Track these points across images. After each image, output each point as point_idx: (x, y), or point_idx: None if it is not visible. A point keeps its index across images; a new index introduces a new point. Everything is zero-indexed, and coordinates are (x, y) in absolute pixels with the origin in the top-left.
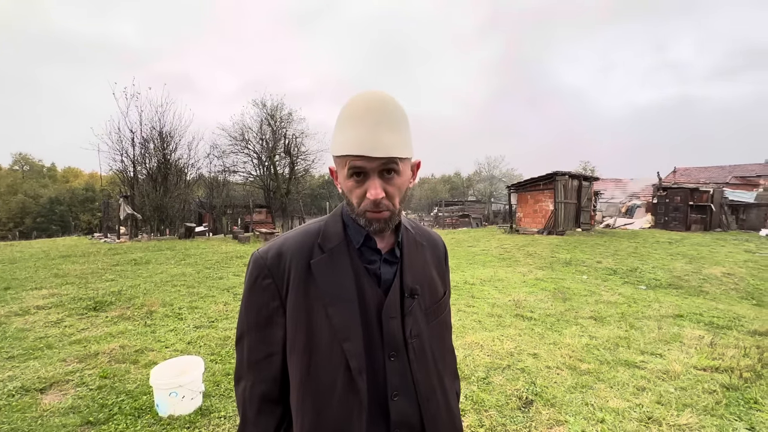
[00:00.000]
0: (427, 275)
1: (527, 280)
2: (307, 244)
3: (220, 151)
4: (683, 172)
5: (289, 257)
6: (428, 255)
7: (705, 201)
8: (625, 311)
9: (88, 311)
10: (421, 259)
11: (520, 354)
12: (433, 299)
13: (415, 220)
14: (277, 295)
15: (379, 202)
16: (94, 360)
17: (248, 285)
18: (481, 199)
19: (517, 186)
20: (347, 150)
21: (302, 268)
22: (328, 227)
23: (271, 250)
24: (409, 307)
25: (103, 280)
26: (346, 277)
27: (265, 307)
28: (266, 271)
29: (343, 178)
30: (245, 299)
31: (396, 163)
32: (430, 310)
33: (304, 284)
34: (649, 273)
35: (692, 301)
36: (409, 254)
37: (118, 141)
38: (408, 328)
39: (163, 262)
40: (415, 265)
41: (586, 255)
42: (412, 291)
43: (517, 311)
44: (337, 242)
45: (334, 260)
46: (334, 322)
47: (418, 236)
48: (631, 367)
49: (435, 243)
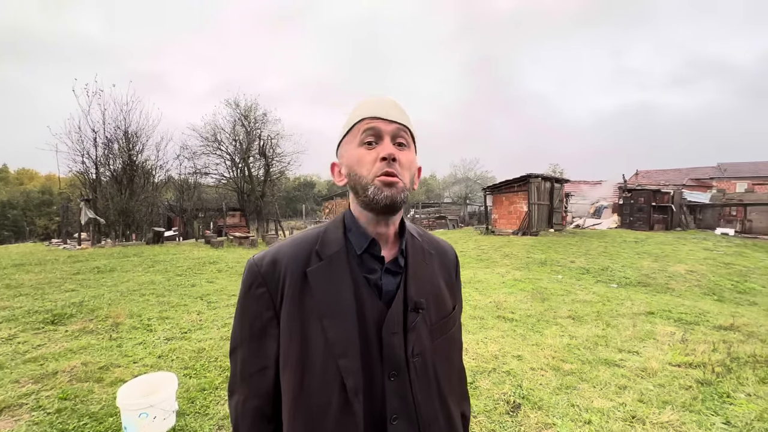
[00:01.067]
0: (434, 288)
1: (506, 280)
2: (305, 250)
3: (191, 152)
4: (644, 175)
5: (284, 265)
6: (436, 265)
7: (666, 202)
8: (601, 310)
9: (45, 325)
10: (427, 270)
11: (504, 356)
12: (440, 314)
13: (419, 227)
14: (270, 304)
15: (392, 163)
16: (52, 380)
17: (242, 293)
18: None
19: (492, 188)
20: (361, 115)
21: (298, 277)
22: (328, 233)
23: (267, 257)
24: (413, 322)
25: (62, 291)
26: (344, 288)
27: (258, 317)
28: (260, 279)
29: (352, 150)
30: (239, 308)
31: (407, 134)
32: (435, 327)
33: (300, 294)
34: (620, 272)
35: (661, 298)
36: (414, 264)
37: (79, 141)
38: (410, 345)
39: (130, 270)
40: (421, 276)
41: (559, 255)
42: (416, 305)
43: (499, 312)
44: (336, 249)
45: (332, 269)
46: (329, 336)
47: (425, 244)
48: (611, 366)
49: (444, 252)
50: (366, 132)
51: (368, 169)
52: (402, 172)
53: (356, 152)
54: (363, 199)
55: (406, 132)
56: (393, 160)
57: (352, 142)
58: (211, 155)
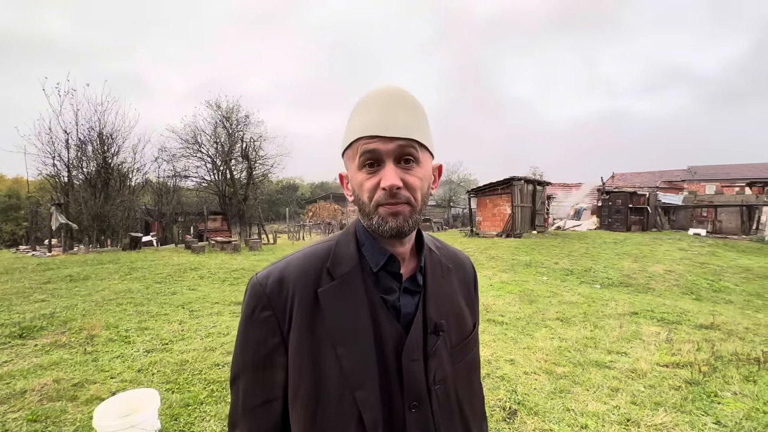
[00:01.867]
0: (454, 307)
1: (493, 283)
2: (314, 268)
3: (170, 154)
4: (620, 177)
5: (292, 285)
6: (455, 281)
7: (642, 204)
8: (587, 311)
9: (12, 339)
10: (447, 287)
11: (497, 361)
12: (461, 335)
13: (437, 238)
14: (277, 330)
15: (396, 192)
16: (20, 400)
17: (244, 317)
18: (441, 203)
19: (476, 191)
20: (358, 133)
21: (308, 299)
22: (340, 248)
23: (272, 276)
24: (433, 346)
25: (30, 302)
26: (361, 310)
27: (263, 344)
28: (265, 300)
29: (353, 172)
30: (241, 333)
31: (415, 148)
32: (456, 349)
33: (310, 318)
34: (602, 272)
35: (643, 298)
36: (433, 281)
37: (50, 142)
38: (431, 372)
39: (105, 278)
40: (441, 294)
41: (543, 256)
42: (436, 327)
43: (489, 316)
44: (350, 267)
45: (346, 289)
46: (344, 366)
47: (443, 258)
48: (602, 368)
49: (462, 265)
50: (364, 155)
51: (369, 196)
52: (411, 193)
53: (357, 176)
54: (368, 225)
55: (413, 145)
56: (397, 189)
57: (353, 160)
58: (191, 158)
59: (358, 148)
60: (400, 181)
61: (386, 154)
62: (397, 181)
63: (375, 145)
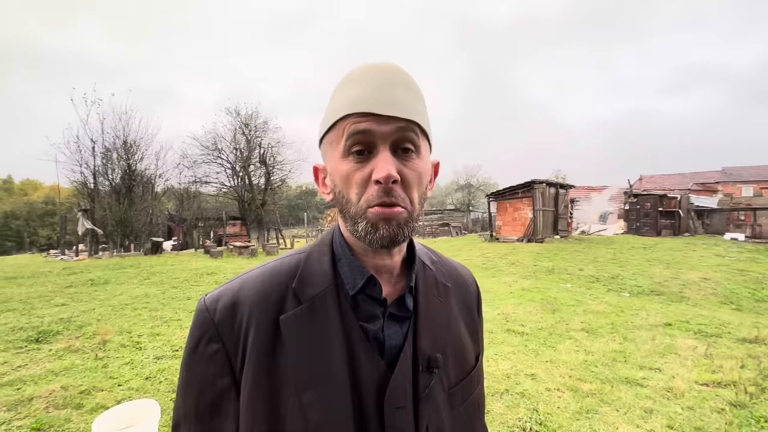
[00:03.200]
0: (453, 335)
1: (513, 290)
2: (277, 289)
3: (191, 161)
4: (649, 180)
5: (247, 310)
6: (454, 303)
7: (673, 207)
8: (615, 321)
9: (29, 344)
10: (444, 311)
11: (517, 375)
12: (461, 372)
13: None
14: (227, 368)
15: (392, 188)
16: (27, 407)
17: (188, 350)
18: (460, 207)
19: (496, 194)
20: (345, 110)
21: (267, 328)
22: (311, 263)
23: (223, 298)
24: (426, 387)
25: (51, 305)
26: (333, 344)
27: (209, 386)
28: (213, 330)
29: (336, 161)
30: (183, 370)
31: (416, 133)
32: (456, 390)
33: (269, 353)
34: (631, 279)
35: (676, 308)
36: (427, 304)
37: (77, 150)
38: (423, 421)
39: (124, 282)
40: (436, 320)
41: (567, 262)
42: (430, 362)
43: (508, 325)
44: (321, 288)
45: (316, 316)
46: (311, 417)
47: (440, 274)
48: (633, 386)
49: (464, 283)
50: (353, 138)
51: (358, 192)
52: (407, 195)
53: (341, 165)
54: (352, 232)
55: (414, 129)
56: (394, 183)
57: (335, 146)
58: (211, 164)
59: (344, 128)
60: (396, 173)
61: (381, 138)
62: (393, 171)
63: (368, 124)
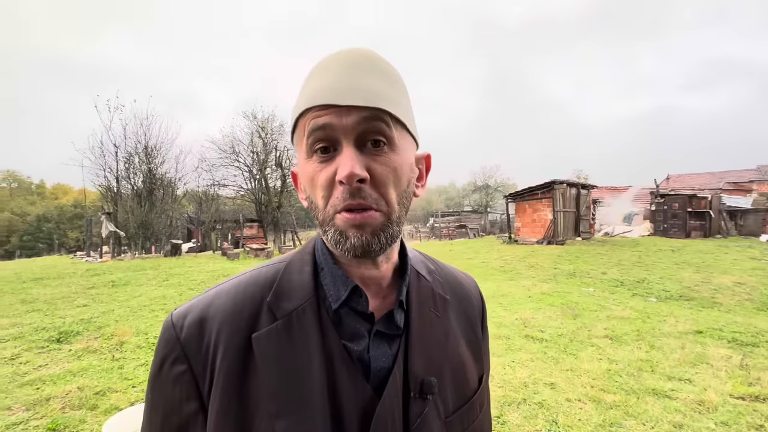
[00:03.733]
0: (451, 355)
1: (532, 294)
2: (250, 303)
3: (209, 164)
4: (676, 179)
5: (216, 327)
6: (454, 317)
7: (703, 207)
8: (641, 328)
9: (50, 344)
10: (441, 327)
11: (535, 384)
12: (461, 397)
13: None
14: (194, 392)
15: (359, 188)
16: (44, 407)
17: (153, 371)
18: (478, 209)
19: (514, 195)
20: (305, 103)
21: (237, 348)
22: (289, 274)
23: (191, 314)
24: (418, 416)
25: (73, 306)
26: (312, 365)
27: (175, 411)
28: (178, 350)
29: (302, 163)
30: (148, 392)
31: (386, 123)
32: (454, 418)
33: (239, 376)
34: (658, 284)
35: (708, 314)
36: (421, 320)
37: (101, 155)
38: None
39: (144, 284)
40: (431, 338)
41: (589, 265)
42: (423, 387)
43: (526, 331)
44: (299, 301)
45: (293, 334)
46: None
47: (437, 285)
48: (661, 397)
49: (465, 295)
50: (313, 135)
51: (324, 196)
52: (380, 195)
53: (306, 167)
54: (326, 240)
55: (382, 119)
56: (360, 182)
57: (300, 146)
58: (229, 167)
59: (305, 125)
60: (363, 170)
61: (343, 132)
62: (360, 169)
63: (327, 118)
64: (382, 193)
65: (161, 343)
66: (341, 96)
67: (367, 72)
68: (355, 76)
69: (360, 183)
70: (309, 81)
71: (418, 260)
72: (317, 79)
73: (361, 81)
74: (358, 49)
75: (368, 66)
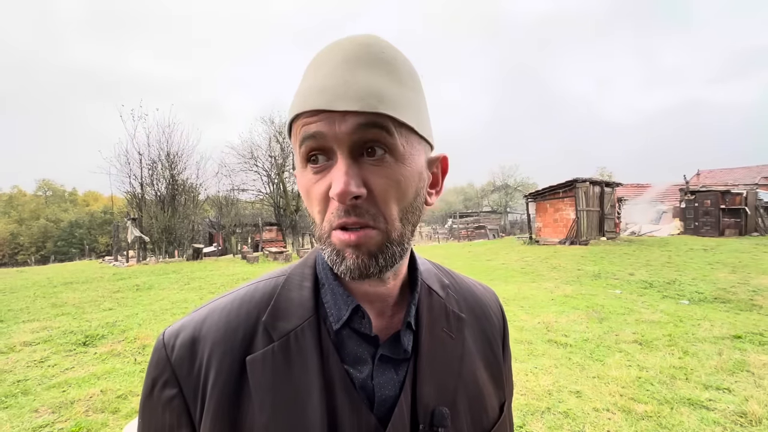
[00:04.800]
0: (467, 381)
1: (555, 297)
2: (245, 322)
3: (229, 169)
4: (707, 175)
5: (209, 349)
6: (470, 338)
7: (738, 204)
8: (673, 333)
9: (77, 347)
10: (455, 351)
11: (560, 392)
12: (479, 428)
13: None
14: (185, 418)
15: (355, 205)
16: (69, 410)
17: (143, 393)
18: (497, 209)
19: (535, 195)
20: (297, 108)
21: (230, 372)
22: (288, 290)
23: (183, 333)
24: None
25: (100, 310)
26: (310, 393)
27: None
28: (169, 372)
29: (298, 173)
30: (139, 415)
31: (386, 129)
32: None
33: (232, 402)
34: (690, 285)
35: (746, 318)
36: (431, 342)
37: (126, 163)
38: None
39: (166, 288)
40: (444, 362)
41: (615, 266)
42: (433, 419)
43: (549, 336)
44: (298, 321)
45: (290, 358)
46: None
47: (452, 302)
48: (697, 408)
49: (484, 312)
50: (305, 144)
51: (320, 210)
52: (379, 207)
53: (301, 178)
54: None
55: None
56: (355, 198)
57: (296, 153)
58: (248, 172)
59: (297, 132)
60: (358, 186)
61: (336, 142)
62: (352, 186)
63: (318, 126)
64: (382, 208)
65: (152, 363)
66: (333, 99)
67: (366, 67)
68: (352, 74)
69: (356, 200)
70: (303, 80)
71: (431, 273)
72: (310, 78)
73: (358, 79)
74: (358, 38)
75: (368, 59)
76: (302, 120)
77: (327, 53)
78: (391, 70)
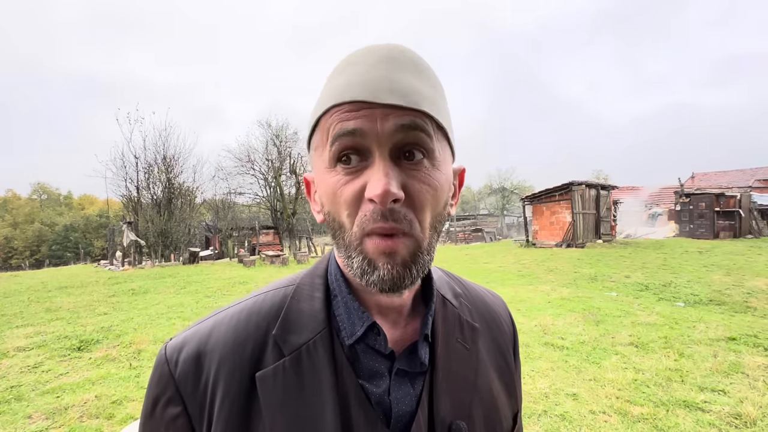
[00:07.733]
0: (482, 393)
1: (552, 299)
2: (254, 336)
3: (226, 173)
4: (702, 177)
5: (215, 365)
6: (483, 348)
7: (732, 206)
8: (669, 335)
9: (72, 352)
10: (470, 362)
11: (556, 395)
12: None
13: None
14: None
15: (394, 209)
16: (63, 415)
17: (144, 411)
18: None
19: (531, 198)
20: (331, 100)
21: (239, 389)
22: (299, 301)
23: (187, 347)
24: None
25: (95, 314)
26: (324, 410)
27: None
28: (172, 390)
29: (321, 172)
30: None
31: (427, 132)
32: None
33: (241, 421)
34: (685, 287)
35: (741, 320)
36: (448, 354)
37: (122, 167)
38: None
39: (162, 292)
40: (460, 375)
41: (611, 269)
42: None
43: (546, 338)
44: (310, 335)
45: (302, 373)
46: None
47: (465, 312)
48: (693, 410)
49: (496, 321)
50: (339, 141)
51: (349, 214)
52: (416, 214)
53: (327, 178)
54: (346, 266)
55: (425, 127)
56: (395, 202)
57: (321, 152)
58: (245, 175)
59: (329, 128)
60: (399, 188)
61: (377, 140)
62: (396, 187)
63: (358, 122)
64: (418, 215)
65: (153, 379)
66: (378, 92)
67: (404, 68)
68: (392, 72)
69: (394, 203)
70: (333, 78)
71: (444, 282)
72: (344, 74)
73: (400, 77)
74: (390, 44)
75: (405, 61)
76: (337, 115)
77: (360, 54)
78: (426, 75)
